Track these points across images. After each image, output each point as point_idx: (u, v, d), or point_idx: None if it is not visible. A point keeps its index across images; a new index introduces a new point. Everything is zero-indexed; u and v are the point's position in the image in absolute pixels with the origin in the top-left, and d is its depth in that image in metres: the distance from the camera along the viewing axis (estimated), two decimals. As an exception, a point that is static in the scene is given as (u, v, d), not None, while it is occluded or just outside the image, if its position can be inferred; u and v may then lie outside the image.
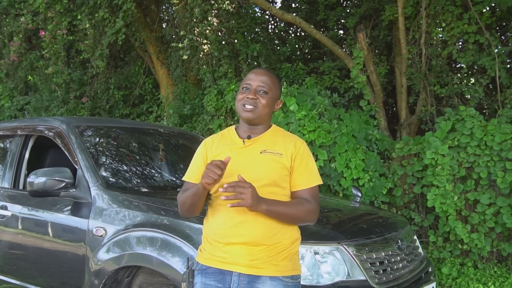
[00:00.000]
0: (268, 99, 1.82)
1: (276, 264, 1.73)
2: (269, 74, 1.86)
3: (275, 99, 1.86)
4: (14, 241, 3.16)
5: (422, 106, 5.85)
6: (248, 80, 1.83)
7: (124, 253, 2.51)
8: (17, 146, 3.50)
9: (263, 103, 1.80)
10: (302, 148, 1.83)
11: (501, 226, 4.16)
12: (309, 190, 1.80)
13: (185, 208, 1.85)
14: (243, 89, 1.83)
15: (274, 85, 1.84)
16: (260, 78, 1.82)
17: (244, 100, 1.80)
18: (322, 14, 7.59)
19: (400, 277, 2.56)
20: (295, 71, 6.98)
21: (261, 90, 1.81)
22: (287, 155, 1.79)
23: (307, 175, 1.81)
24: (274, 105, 1.87)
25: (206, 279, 1.76)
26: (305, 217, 1.78)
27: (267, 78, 1.83)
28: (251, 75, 1.85)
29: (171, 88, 7.65)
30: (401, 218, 3.28)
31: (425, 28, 5.70)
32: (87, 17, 6.63)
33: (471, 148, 4.32)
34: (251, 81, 1.82)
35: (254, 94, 1.80)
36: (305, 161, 1.81)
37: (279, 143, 1.82)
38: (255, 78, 1.83)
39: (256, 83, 1.82)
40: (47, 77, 7.92)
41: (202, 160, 1.87)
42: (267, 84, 1.82)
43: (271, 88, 1.82)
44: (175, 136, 4.13)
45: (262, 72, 1.85)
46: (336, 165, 4.53)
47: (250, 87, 1.82)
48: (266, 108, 1.81)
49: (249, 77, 1.85)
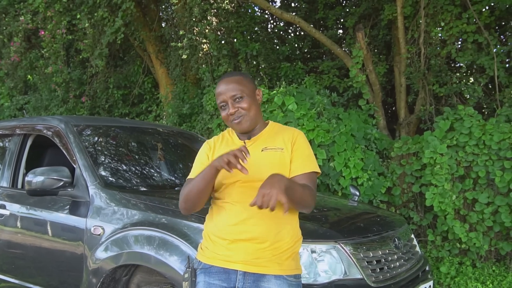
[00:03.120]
0: (247, 100, 1.79)
1: (280, 263, 1.73)
2: (232, 78, 1.82)
3: (252, 95, 1.82)
4: (13, 240, 3.16)
5: (421, 105, 5.86)
6: (220, 98, 1.80)
7: (122, 251, 2.51)
8: (16, 145, 3.50)
9: (245, 107, 1.78)
10: (300, 137, 1.83)
11: (500, 225, 4.17)
12: (306, 175, 1.77)
13: (189, 198, 1.75)
14: (221, 108, 1.81)
15: (243, 85, 1.81)
16: (228, 87, 1.79)
17: (229, 117, 1.79)
18: (321, 13, 7.60)
19: (397, 275, 2.56)
20: (294, 71, 7.00)
21: (236, 98, 1.78)
22: (287, 148, 1.78)
23: (303, 160, 1.79)
24: (255, 99, 1.83)
25: (210, 278, 1.74)
26: (311, 201, 1.72)
27: (234, 83, 1.80)
28: (219, 89, 1.81)
29: (170, 87, 7.65)
30: (399, 217, 3.28)
31: (424, 28, 5.70)
32: (87, 17, 6.63)
33: (470, 147, 4.32)
34: (223, 96, 1.79)
35: (233, 107, 1.77)
36: (301, 148, 1.80)
37: (278, 138, 1.81)
38: (224, 91, 1.79)
39: (228, 94, 1.78)
40: (47, 76, 7.92)
41: (207, 158, 1.86)
42: (236, 89, 1.78)
43: (243, 90, 1.79)
44: (174, 136, 4.13)
45: (226, 81, 1.81)
46: (335, 164, 4.54)
47: (226, 102, 1.79)
48: (251, 109, 1.79)
49: (218, 94, 1.81)
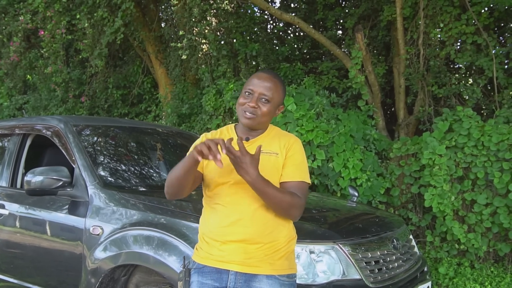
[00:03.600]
0: (270, 107, 1.77)
1: (272, 263, 1.73)
2: (273, 80, 1.78)
3: (276, 106, 1.81)
4: (12, 240, 3.17)
5: (420, 106, 5.86)
6: (251, 85, 1.77)
7: (121, 251, 2.52)
8: (15, 145, 3.50)
9: (264, 111, 1.76)
10: (296, 145, 1.81)
11: (498, 226, 4.18)
12: (295, 183, 1.75)
13: (170, 184, 1.74)
14: (245, 94, 1.77)
15: (277, 92, 1.78)
16: (264, 84, 1.76)
17: (245, 107, 1.76)
18: (321, 14, 7.60)
19: (395, 276, 2.57)
20: (293, 71, 7.00)
21: (263, 98, 1.75)
22: (282, 153, 1.78)
23: (294, 168, 1.77)
24: (275, 111, 1.82)
25: (203, 278, 1.76)
26: (288, 209, 1.71)
27: (271, 84, 1.77)
28: (254, 80, 1.78)
29: (169, 87, 7.66)
30: (397, 218, 3.29)
31: (423, 29, 5.71)
32: (86, 16, 6.64)
33: (468, 148, 4.33)
34: (254, 87, 1.76)
35: (255, 102, 1.75)
36: (295, 155, 1.79)
37: (275, 142, 1.81)
38: (258, 84, 1.76)
39: (259, 89, 1.75)
40: (46, 76, 7.93)
41: None
42: (270, 91, 1.75)
43: (273, 96, 1.76)
44: (173, 136, 4.14)
45: (266, 78, 1.78)
46: (334, 165, 4.54)
47: (253, 93, 1.76)
48: (266, 116, 1.77)
49: (252, 81, 1.78)
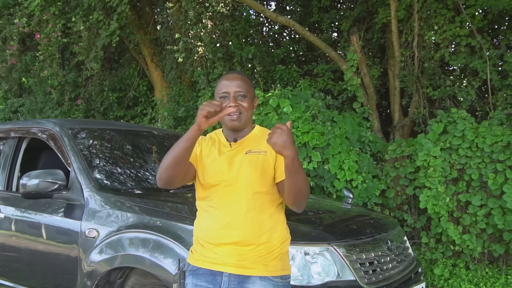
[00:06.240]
0: (248, 100, 1.80)
1: (265, 264, 1.74)
2: (241, 76, 1.83)
3: (252, 98, 1.85)
4: (7, 243, 3.16)
5: (415, 108, 5.89)
6: (223, 88, 1.79)
7: (117, 254, 2.52)
8: (10, 148, 3.50)
9: (245, 106, 1.79)
10: None
11: (492, 227, 4.20)
12: None
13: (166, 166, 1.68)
14: (220, 98, 1.79)
15: (248, 85, 1.83)
16: (235, 83, 1.79)
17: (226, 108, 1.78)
18: (316, 16, 7.64)
19: (389, 277, 2.58)
20: (289, 74, 7.02)
21: (239, 95, 1.78)
22: (271, 151, 1.76)
23: None
24: (253, 104, 1.86)
25: (197, 280, 1.77)
26: (307, 195, 1.71)
27: (240, 81, 1.80)
28: (225, 82, 1.80)
29: (165, 90, 7.66)
30: (392, 219, 3.30)
31: (417, 31, 5.75)
32: (82, 19, 6.65)
33: (463, 150, 4.35)
34: (227, 89, 1.78)
35: (234, 101, 1.77)
36: None
37: (262, 141, 1.80)
38: (229, 84, 1.79)
39: (233, 89, 1.78)
40: (42, 79, 7.92)
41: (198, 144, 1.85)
42: (242, 87, 1.79)
43: (248, 90, 1.81)
44: (168, 139, 4.14)
45: (234, 77, 1.81)
46: (330, 166, 4.55)
47: (228, 95, 1.78)
48: (249, 111, 1.81)
49: (223, 84, 1.80)
